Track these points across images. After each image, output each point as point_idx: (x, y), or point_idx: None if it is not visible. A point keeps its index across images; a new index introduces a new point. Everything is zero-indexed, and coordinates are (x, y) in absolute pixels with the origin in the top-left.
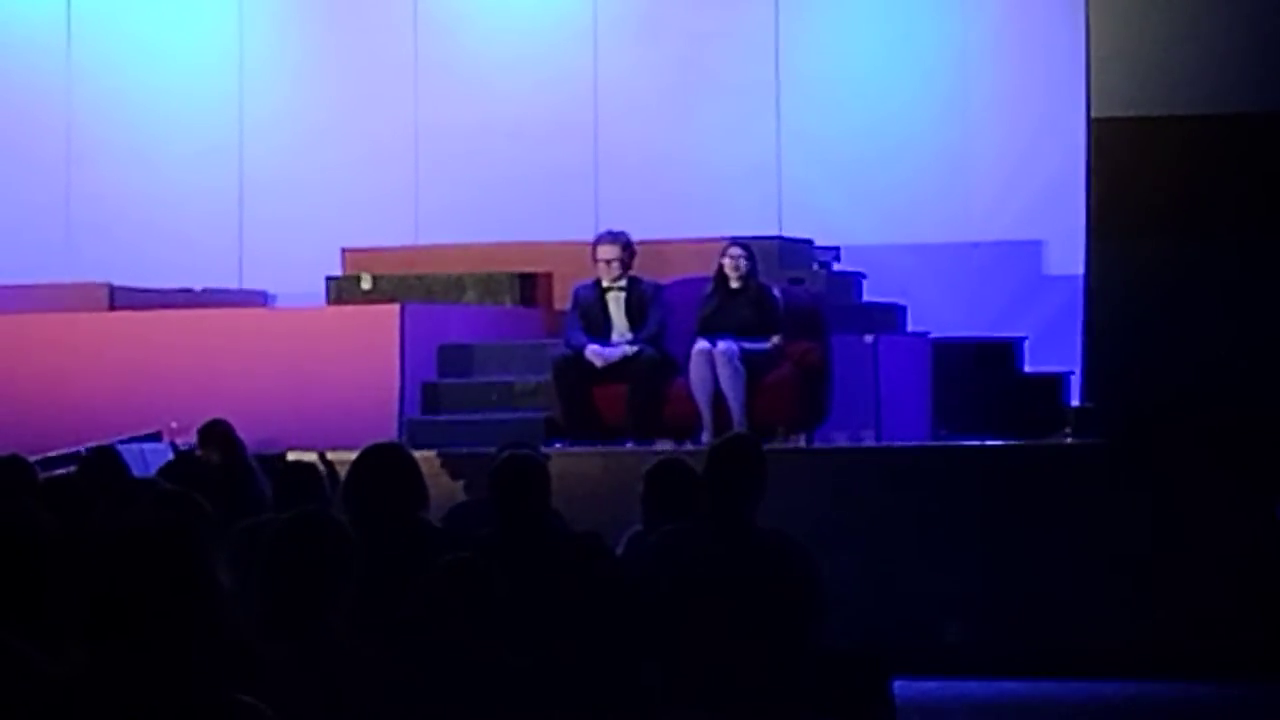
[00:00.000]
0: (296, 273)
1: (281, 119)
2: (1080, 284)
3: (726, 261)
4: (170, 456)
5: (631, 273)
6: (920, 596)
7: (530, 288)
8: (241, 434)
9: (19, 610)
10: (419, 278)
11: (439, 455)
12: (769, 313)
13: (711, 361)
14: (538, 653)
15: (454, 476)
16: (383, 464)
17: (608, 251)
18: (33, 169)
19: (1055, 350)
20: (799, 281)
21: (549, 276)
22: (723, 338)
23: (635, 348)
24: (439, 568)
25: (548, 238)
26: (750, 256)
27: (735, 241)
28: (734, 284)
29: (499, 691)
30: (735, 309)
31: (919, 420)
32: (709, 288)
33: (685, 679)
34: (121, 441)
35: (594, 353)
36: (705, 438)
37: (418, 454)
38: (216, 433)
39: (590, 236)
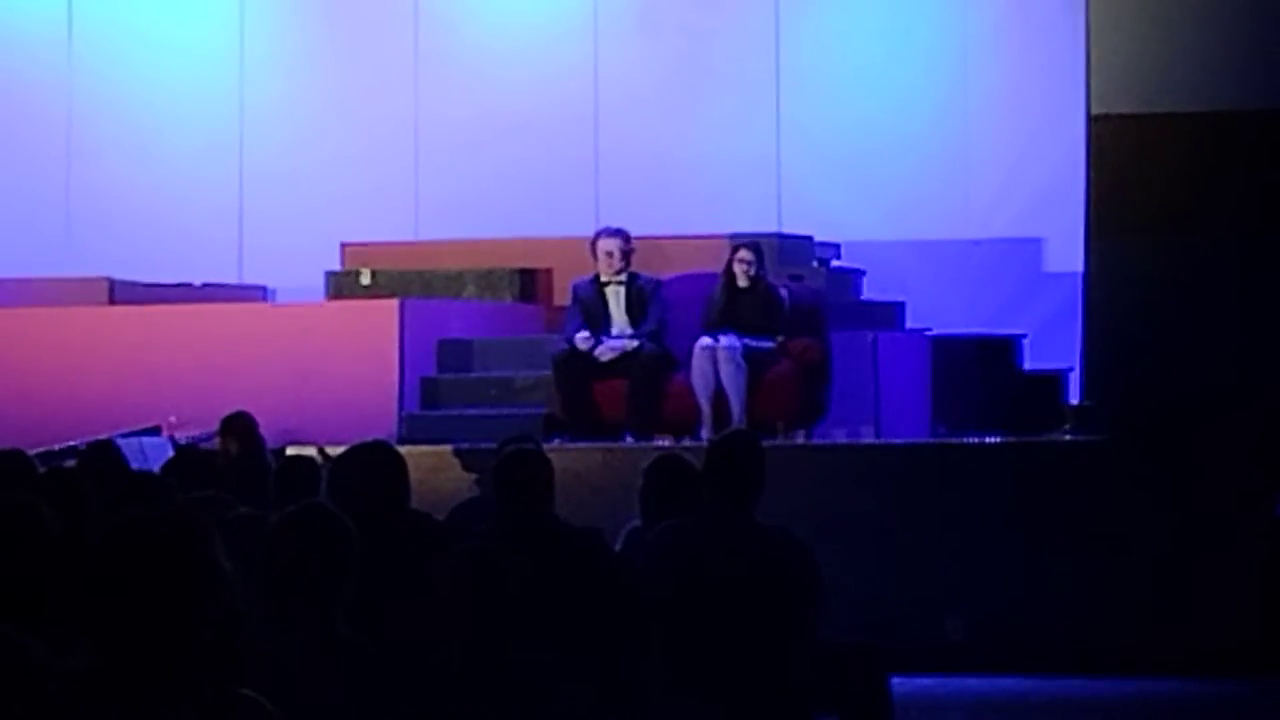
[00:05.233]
0: (296, 267)
1: (281, 113)
2: (1080, 281)
3: (737, 266)
4: (170, 451)
5: (630, 269)
6: (919, 593)
7: (530, 283)
8: None
9: (22, 604)
10: (418, 273)
11: (453, 451)
12: (774, 312)
13: (714, 357)
14: (537, 648)
15: (466, 470)
16: (362, 463)
17: (608, 244)
18: (33, 162)
19: (1055, 347)
20: (799, 278)
21: (549, 272)
22: (725, 333)
23: (635, 343)
24: (449, 558)
25: (548, 233)
26: (759, 259)
27: (747, 243)
28: (742, 283)
29: (500, 685)
30: (742, 308)
31: (918, 417)
32: (717, 286)
33: (685, 673)
34: (120, 435)
35: (583, 339)
36: (705, 434)
37: (424, 449)
38: (239, 425)
39: (590, 232)
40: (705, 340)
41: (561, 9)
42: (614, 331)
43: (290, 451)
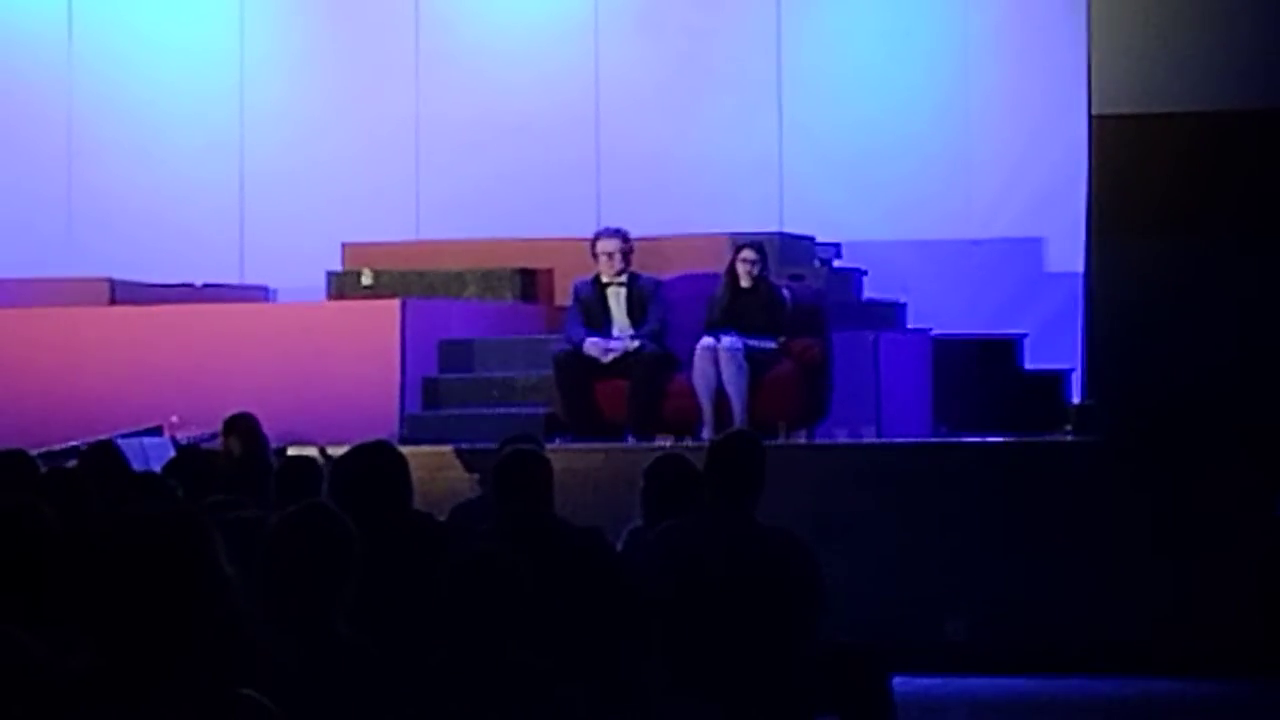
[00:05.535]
0: (297, 268)
1: (282, 113)
2: (1081, 281)
3: (741, 265)
4: (171, 451)
5: (630, 269)
6: (920, 593)
7: (531, 283)
8: None
9: (22, 604)
10: (420, 273)
11: (454, 451)
12: (777, 313)
13: (716, 358)
14: (537, 648)
15: (467, 470)
16: (364, 463)
17: (608, 245)
18: (34, 163)
19: (1056, 347)
20: (799, 278)
21: (550, 272)
22: (727, 333)
23: (636, 343)
24: (455, 561)
25: (549, 233)
26: (763, 258)
27: (751, 243)
28: (744, 283)
29: (500, 685)
30: (745, 308)
31: (920, 417)
32: (720, 286)
33: (685, 673)
34: (122, 436)
35: (594, 345)
36: (706, 434)
37: (426, 449)
38: (242, 425)
39: (591, 232)
40: (707, 340)
41: (561, 9)
42: (615, 332)
43: (291, 452)
